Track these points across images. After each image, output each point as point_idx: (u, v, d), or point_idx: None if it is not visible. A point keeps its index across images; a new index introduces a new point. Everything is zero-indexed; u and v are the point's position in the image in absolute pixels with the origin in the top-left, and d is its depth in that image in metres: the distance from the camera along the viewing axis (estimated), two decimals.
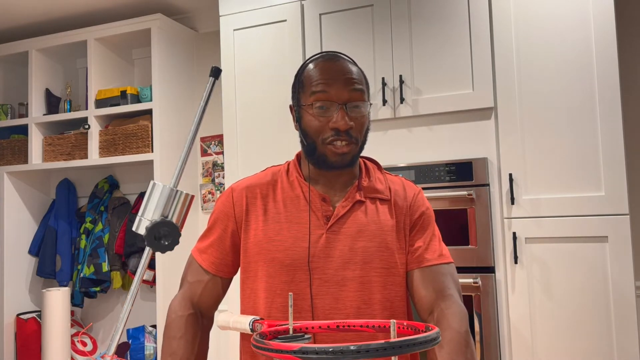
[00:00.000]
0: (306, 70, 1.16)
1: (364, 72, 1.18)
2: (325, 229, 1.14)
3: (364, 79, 1.16)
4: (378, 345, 0.62)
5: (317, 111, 1.11)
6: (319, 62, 1.15)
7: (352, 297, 1.11)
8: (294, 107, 1.19)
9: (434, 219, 1.24)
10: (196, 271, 1.21)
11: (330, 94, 1.11)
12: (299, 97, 1.16)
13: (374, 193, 1.19)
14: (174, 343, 1.13)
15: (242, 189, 1.22)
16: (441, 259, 1.16)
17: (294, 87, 1.19)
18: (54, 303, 3.02)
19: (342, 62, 1.14)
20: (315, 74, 1.13)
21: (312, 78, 1.13)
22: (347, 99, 1.11)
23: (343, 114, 1.10)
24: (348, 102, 1.11)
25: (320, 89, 1.11)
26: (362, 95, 1.13)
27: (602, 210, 2.00)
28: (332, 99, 1.11)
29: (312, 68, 1.15)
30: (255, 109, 2.60)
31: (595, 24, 2.05)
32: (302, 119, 1.15)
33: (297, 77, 1.18)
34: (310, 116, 1.13)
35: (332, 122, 1.10)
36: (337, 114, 1.10)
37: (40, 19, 3.30)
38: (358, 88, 1.12)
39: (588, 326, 2.01)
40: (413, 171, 2.24)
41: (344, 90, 1.11)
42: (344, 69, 1.13)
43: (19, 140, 3.41)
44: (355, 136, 1.12)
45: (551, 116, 2.09)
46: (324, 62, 1.15)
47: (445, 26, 2.27)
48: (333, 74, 1.12)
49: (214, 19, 3.25)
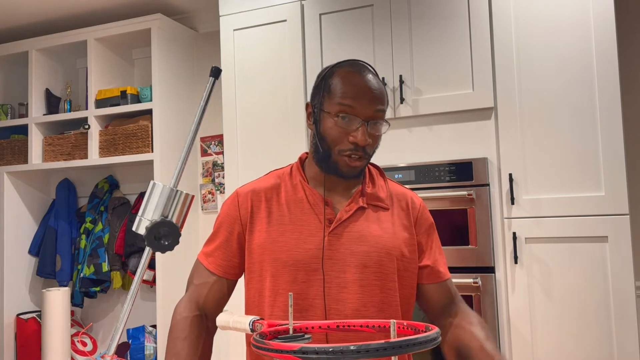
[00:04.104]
0: (335, 75, 1.17)
1: (385, 87, 1.23)
2: (327, 232, 1.16)
3: (386, 96, 1.18)
4: (378, 345, 0.62)
5: (340, 121, 1.14)
6: (347, 72, 1.16)
7: (351, 299, 1.13)
8: (313, 108, 1.20)
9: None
10: (202, 274, 1.23)
11: (356, 109, 1.13)
12: (322, 100, 1.17)
13: (376, 201, 1.22)
14: (178, 344, 1.15)
15: (247, 193, 1.24)
16: (446, 274, 1.27)
17: (317, 89, 1.20)
18: (54, 303, 3.02)
19: (370, 77, 1.16)
20: (344, 84, 1.15)
21: (340, 87, 1.15)
22: (370, 117, 1.14)
23: (364, 130, 1.13)
24: (370, 119, 1.14)
25: (347, 103, 1.13)
26: (383, 115, 1.17)
27: (602, 210, 2.00)
28: (357, 114, 1.13)
29: (342, 76, 1.16)
30: (255, 109, 2.60)
31: (595, 24, 2.05)
32: (321, 123, 1.17)
33: (324, 80, 1.19)
34: (332, 124, 1.15)
35: (352, 135, 1.13)
36: (359, 129, 1.13)
37: (40, 19, 3.30)
38: (381, 108, 1.15)
39: (588, 326, 2.01)
40: (413, 171, 2.24)
41: (369, 108, 1.13)
42: (371, 86, 1.15)
43: (19, 140, 3.41)
44: (370, 152, 1.17)
45: (551, 116, 2.09)
46: (354, 73, 1.16)
47: (445, 26, 2.27)
48: (362, 89, 1.14)
49: (214, 19, 3.25)
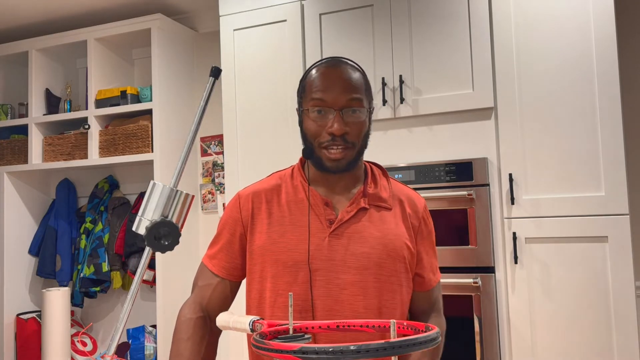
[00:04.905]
0: (308, 75, 1.21)
1: (366, 77, 1.21)
2: (327, 232, 1.16)
3: (364, 84, 1.19)
4: (378, 345, 0.62)
5: (315, 115, 1.15)
6: (320, 68, 1.19)
7: (351, 300, 1.13)
8: (297, 111, 1.24)
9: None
10: (206, 276, 1.25)
11: (327, 100, 1.14)
12: (301, 101, 1.21)
13: (378, 201, 1.22)
14: (181, 345, 1.15)
15: (248, 195, 1.25)
16: (437, 276, 1.28)
17: (298, 92, 1.23)
18: (54, 303, 3.02)
19: (343, 68, 1.17)
20: (315, 80, 1.18)
21: (313, 84, 1.18)
22: (343, 105, 1.14)
23: (339, 119, 1.13)
24: (344, 108, 1.14)
25: (318, 96, 1.15)
26: (360, 103, 1.16)
27: (602, 210, 2.00)
28: (329, 105, 1.14)
29: (314, 74, 1.19)
30: (255, 109, 2.60)
31: (595, 24, 2.05)
32: (302, 122, 1.20)
33: (301, 82, 1.23)
34: (309, 120, 1.17)
35: (328, 127, 1.14)
36: (334, 119, 1.13)
37: (40, 19, 3.30)
38: (356, 97, 1.15)
39: (588, 326, 2.01)
40: (413, 171, 2.24)
41: (341, 97, 1.14)
42: (343, 75, 1.16)
43: (19, 140, 3.41)
44: (351, 141, 1.15)
45: (551, 116, 2.09)
46: (325, 68, 1.18)
47: (445, 26, 2.27)
48: (332, 80, 1.15)
49: (214, 19, 3.25)
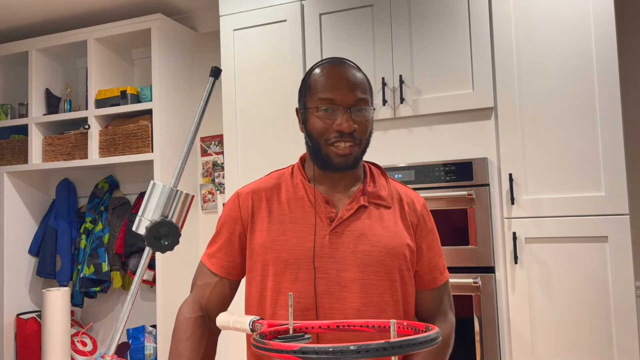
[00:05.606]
0: (313, 74, 1.21)
1: (368, 78, 1.24)
2: (328, 230, 1.16)
3: (368, 85, 1.21)
4: (378, 345, 0.62)
5: (323, 114, 1.16)
6: (325, 67, 1.20)
7: (352, 298, 1.13)
8: (300, 110, 1.24)
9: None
10: (205, 275, 1.25)
11: (336, 98, 1.15)
12: (305, 100, 1.21)
13: (378, 199, 1.22)
14: (180, 345, 1.15)
15: (248, 193, 1.25)
16: (445, 275, 1.27)
17: (300, 91, 1.24)
18: (54, 303, 3.02)
19: (348, 68, 1.19)
20: (322, 79, 1.18)
21: (319, 82, 1.18)
22: (351, 104, 1.16)
23: (347, 117, 1.15)
24: (352, 106, 1.16)
25: (326, 95, 1.16)
26: (367, 102, 1.18)
27: (602, 210, 2.00)
28: (338, 102, 1.15)
29: (319, 73, 1.20)
30: (255, 109, 2.60)
31: (595, 24, 2.05)
32: (307, 121, 1.20)
33: (304, 82, 1.23)
34: (316, 118, 1.17)
35: (337, 124, 1.15)
36: (342, 117, 1.15)
37: (40, 19, 3.30)
38: (362, 96, 1.17)
39: (588, 326, 2.01)
40: (413, 171, 2.24)
41: (349, 95, 1.16)
42: (349, 75, 1.18)
43: (19, 140, 3.41)
44: (359, 137, 1.17)
45: (551, 116, 2.09)
46: (331, 67, 1.20)
47: (445, 26, 2.27)
48: (339, 79, 1.17)
49: (214, 19, 3.25)
